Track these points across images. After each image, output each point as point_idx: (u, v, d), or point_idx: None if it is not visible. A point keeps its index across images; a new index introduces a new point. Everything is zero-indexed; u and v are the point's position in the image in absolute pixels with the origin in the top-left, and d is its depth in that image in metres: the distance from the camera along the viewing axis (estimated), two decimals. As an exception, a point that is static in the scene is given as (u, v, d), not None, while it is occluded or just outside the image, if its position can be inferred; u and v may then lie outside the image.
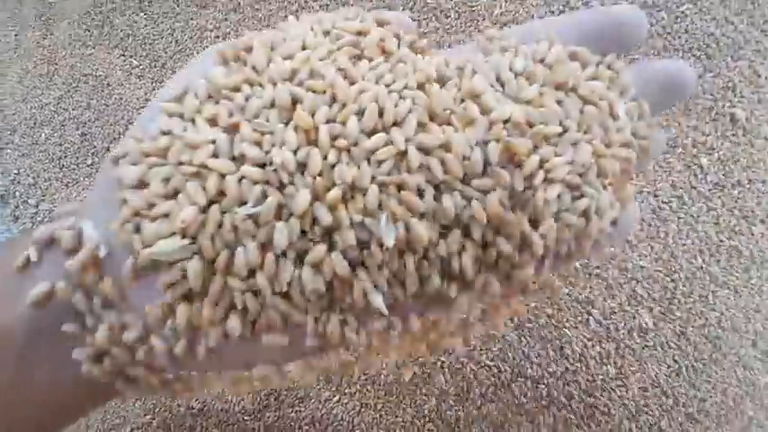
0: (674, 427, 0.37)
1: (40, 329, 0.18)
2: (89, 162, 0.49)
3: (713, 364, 0.38)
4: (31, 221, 0.49)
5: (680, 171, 0.40)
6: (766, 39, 0.40)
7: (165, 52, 0.50)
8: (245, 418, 0.41)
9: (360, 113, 0.16)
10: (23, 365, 0.18)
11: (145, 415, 0.42)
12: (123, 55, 0.51)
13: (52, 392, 0.18)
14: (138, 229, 0.16)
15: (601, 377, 0.38)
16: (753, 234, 0.39)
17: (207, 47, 0.49)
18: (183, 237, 0.15)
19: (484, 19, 0.44)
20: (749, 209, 0.39)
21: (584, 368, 0.38)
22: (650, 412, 0.37)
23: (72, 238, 0.17)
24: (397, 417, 0.39)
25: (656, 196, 0.40)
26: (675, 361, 0.38)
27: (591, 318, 0.39)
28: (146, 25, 0.51)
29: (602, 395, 0.38)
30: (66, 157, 0.50)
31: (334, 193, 0.15)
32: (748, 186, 0.39)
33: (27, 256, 0.18)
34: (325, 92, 0.16)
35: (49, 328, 0.18)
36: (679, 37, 0.41)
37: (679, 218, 0.39)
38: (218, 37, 0.49)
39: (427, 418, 0.39)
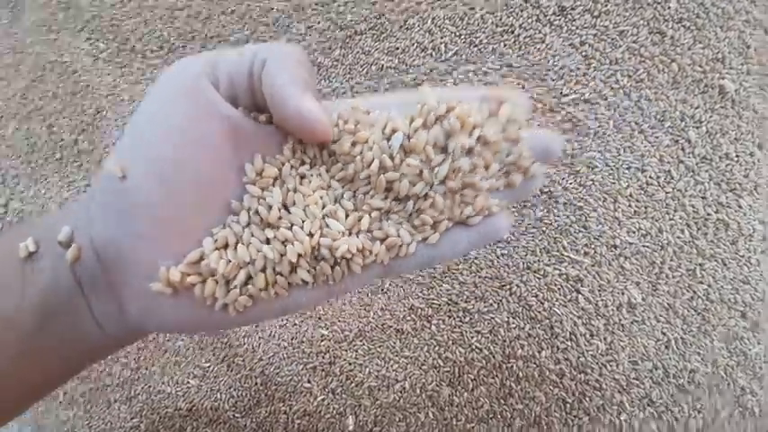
0: (666, 398, 0.38)
1: (51, 309, 0.20)
2: (57, 156, 0.47)
3: (703, 336, 0.38)
4: (0, 222, 0.47)
5: (668, 145, 0.39)
6: (756, 9, 0.39)
7: (134, 34, 0.48)
8: (237, 415, 0.40)
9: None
10: (33, 344, 0.20)
11: (132, 419, 0.41)
12: (89, 38, 0.49)
13: (62, 363, 0.21)
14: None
15: (591, 353, 0.38)
16: (740, 206, 0.39)
17: (178, 27, 0.47)
18: None
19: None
20: (736, 181, 0.39)
21: (574, 346, 0.38)
22: (641, 385, 0.38)
23: (66, 237, 0.20)
24: (389, 404, 0.39)
25: (643, 171, 0.39)
26: (664, 334, 0.38)
27: (580, 295, 0.39)
28: (112, 5, 0.48)
29: (592, 371, 0.38)
30: (33, 152, 0.48)
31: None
32: (736, 159, 0.39)
33: (26, 247, 0.20)
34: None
35: (58, 307, 0.20)
36: (669, 7, 0.40)
37: (666, 192, 0.39)
38: (189, 16, 0.47)
39: (421, 405, 0.39)
